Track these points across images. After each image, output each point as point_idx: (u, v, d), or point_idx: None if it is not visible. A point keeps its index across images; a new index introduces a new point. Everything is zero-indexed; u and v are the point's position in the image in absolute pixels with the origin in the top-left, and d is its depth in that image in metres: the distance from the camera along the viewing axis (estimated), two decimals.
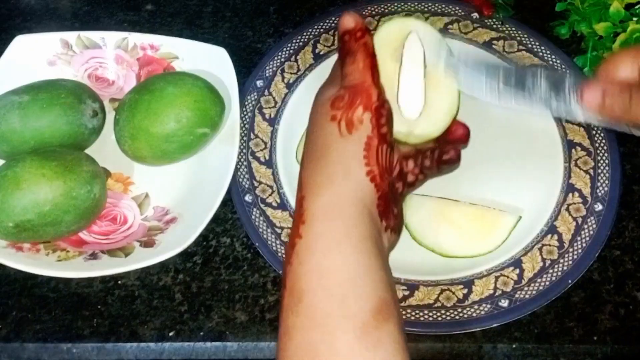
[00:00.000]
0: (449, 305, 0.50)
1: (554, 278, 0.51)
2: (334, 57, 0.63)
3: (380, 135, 0.42)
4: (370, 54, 0.44)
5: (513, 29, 0.64)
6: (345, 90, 0.43)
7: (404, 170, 0.46)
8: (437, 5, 0.66)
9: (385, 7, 0.66)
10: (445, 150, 0.47)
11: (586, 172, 0.56)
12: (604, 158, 0.56)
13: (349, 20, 0.45)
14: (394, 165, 0.44)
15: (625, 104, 0.42)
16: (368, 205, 0.41)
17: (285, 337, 0.38)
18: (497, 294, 0.51)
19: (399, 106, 0.46)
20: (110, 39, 0.62)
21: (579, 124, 0.58)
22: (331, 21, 0.65)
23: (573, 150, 0.57)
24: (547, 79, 0.46)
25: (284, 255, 0.52)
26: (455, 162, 0.48)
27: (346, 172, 0.41)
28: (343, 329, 0.36)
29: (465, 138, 0.49)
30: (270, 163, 0.58)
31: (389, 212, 0.42)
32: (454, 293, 0.51)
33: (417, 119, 0.46)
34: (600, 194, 0.55)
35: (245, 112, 0.60)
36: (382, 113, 0.43)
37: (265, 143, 0.59)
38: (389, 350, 0.36)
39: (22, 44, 0.60)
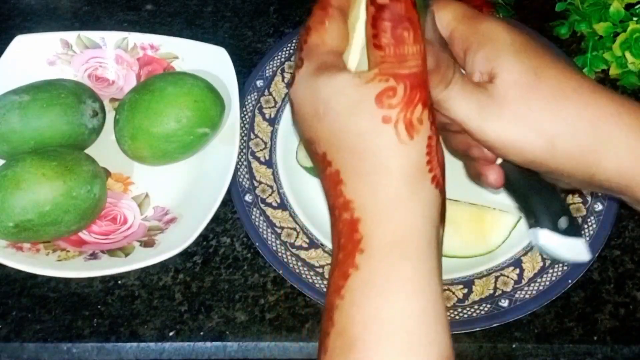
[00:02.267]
0: (449, 305, 0.50)
1: (554, 278, 0.51)
2: None
3: (436, 130, 0.35)
4: (419, 24, 0.35)
5: None
6: (400, 81, 0.34)
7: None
8: None
9: None
10: None
11: None
12: None
13: None
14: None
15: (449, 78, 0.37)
16: (435, 219, 0.35)
17: None
18: (497, 294, 0.51)
19: None
20: (110, 39, 0.62)
21: None
22: None
23: None
24: None
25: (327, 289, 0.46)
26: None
27: (412, 189, 0.34)
28: None
29: None
30: (270, 163, 0.58)
31: (444, 209, 0.36)
32: (454, 293, 0.51)
33: None
34: (600, 194, 0.55)
35: (245, 112, 0.60)
36: (431, 105, 0.36)
37: (265, 143, 0.59)
38: None
39: (22, 44, 0.60)
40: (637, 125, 0.37)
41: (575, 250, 0.44)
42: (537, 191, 0.43)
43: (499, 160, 0.42)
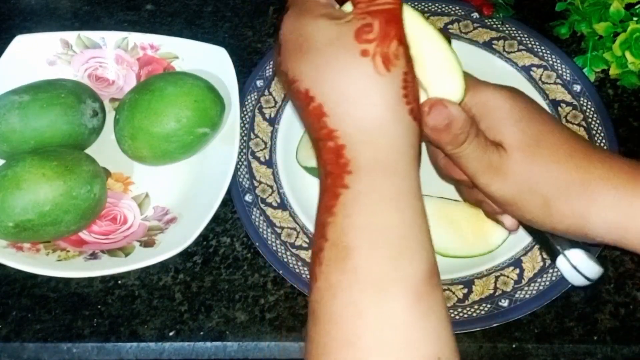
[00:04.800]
0: (449, 305, 0.50)
1: (554, 278, 0.51)
2: None
3: (412, 68, 0.38)
4: None
5: (513, 29, 0.64)
6: (375, 17, 0.36)
7: None
8: (437, 5, 0.66)
9: None
10: None
11: None
12: None
13: None
14: None
15: (457, 141, 0.41)
16: (416, 145, 0.38)
17: (328, 294, 0.35)
18: (497, 293, 0.51)
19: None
20: (110, 38, 0.62)
21: (579, 124, 0.58)
22: None
23: None
24: None
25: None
26: None
27: (392, 116, 0.36)
28: (396, 292, 0.34)
29: None
30: (270, 163, 0.58)
31: (420, 148, 0.39)
32: (454, 293, 0.51)
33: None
34: None
35: (245, 112, 0.60)
36: (408, 46, 0.38)
37: (265, 143, 0.59)
38: (441, 318, 0.35)
39: (22, 44, 0.60)
40: (623, 186, 0.41)
41: (596, 262, 0.48)
42: None
43: None
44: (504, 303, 0.50)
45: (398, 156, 0.37)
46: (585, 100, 0.60)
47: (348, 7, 0.39)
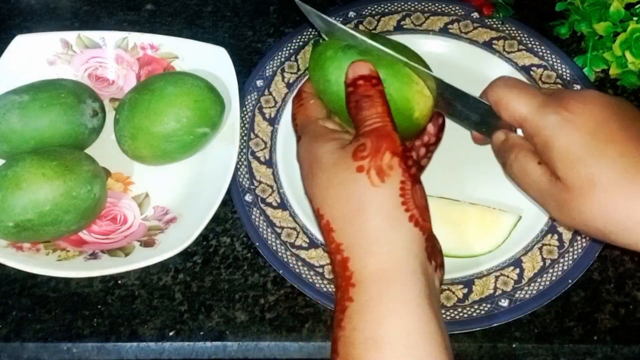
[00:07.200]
0: (449, 305, 0.50)
1: (554, 278, 0.51)
2: None
3: (412, 176, 0.40)
4: (386, 101, 0.42)
5: (513, 28, 0.64)
6: (367, 137, 0.40)
7: (419, 159, 0.45)
8: (437, 5, 0.66)
9: (385, 7, 0.66)
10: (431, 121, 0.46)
11: None
12: None
13: (363, 67, 0.43)
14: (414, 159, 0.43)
15: (507, 158, 0.45)
16: (418, 253, 0.39)
17: None
18: (497, 293, 0.51)
19: None
20: (110, 38, 0.62)
21: None
22: None
23: None
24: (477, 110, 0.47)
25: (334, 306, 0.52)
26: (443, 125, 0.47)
27: (390, 224, 0.39)
28: None
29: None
30: (270, 163, 0.58)
31: (435, 251, 0.41)
32: (454, 293, 0.51)
33: None
34: None
35: (245, 112, 0.60)
36: (408, 155, 0.41)
37: (265, 143, 0.59)
38: None
39: (22, 44, 0.60)
40: None
41: None
42: None
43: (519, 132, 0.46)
44: (504, 303, 0.50)
45: (399, 264, 0.38)
46: None
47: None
